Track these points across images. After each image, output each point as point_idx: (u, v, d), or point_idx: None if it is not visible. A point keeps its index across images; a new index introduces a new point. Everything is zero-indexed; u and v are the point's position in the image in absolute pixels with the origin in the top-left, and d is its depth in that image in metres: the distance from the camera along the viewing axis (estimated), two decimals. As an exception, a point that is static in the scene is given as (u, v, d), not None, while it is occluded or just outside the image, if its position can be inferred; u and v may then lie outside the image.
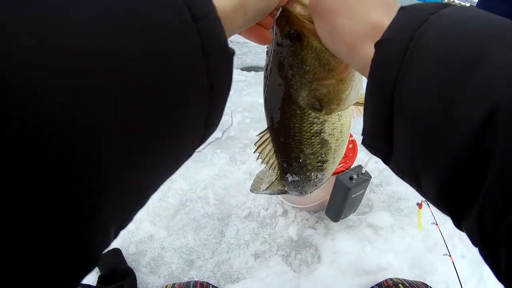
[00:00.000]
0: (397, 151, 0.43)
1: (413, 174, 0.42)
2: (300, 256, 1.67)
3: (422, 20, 0.40)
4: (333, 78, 0.63)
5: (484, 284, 1.66)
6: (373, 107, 0.44)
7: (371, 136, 0.48)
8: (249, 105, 2.78)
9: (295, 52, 0.63)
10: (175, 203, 1.90)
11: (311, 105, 0.69)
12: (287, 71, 0.67)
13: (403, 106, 0.39)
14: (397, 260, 1.63)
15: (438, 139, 0.35)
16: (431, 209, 1.77)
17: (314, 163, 0.88)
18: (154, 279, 1.61)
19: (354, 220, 1.81)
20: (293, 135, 0.80)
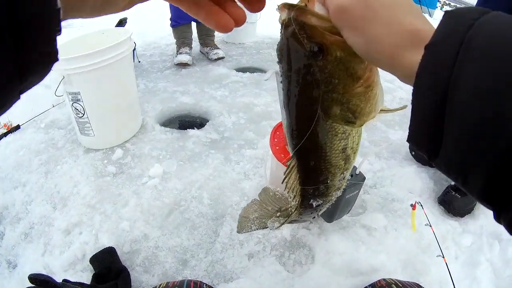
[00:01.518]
0: (446, 149, 0.44)
1: (461, 170, 0.43)
2: (294, 256, 1.67)
3: (468, 24, 0.40)
4: (361, 86, 0.60)
5: (477, 286, 1.66)
6: (422, 109, 0.45)
7: (418, 135, 0.49)
8: (244, 106, 2.79)
9: (322, 68, 0.58)
10: (170, 202, 1.90)
11: (346, 119, 0.65)
12: (313, 90, 0.61)
13: (455, 108, 0.40)
14: (391, 261, 1.64)
15: (491, 138, 0.37)
16: (424, 210, 1.77)
17: (337, 182, 0.83)
18: (148, 278, 1.61)
19: (348, 221, 1.81)
20: (323, 155, 0.75)
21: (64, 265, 1.64)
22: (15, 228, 1.86)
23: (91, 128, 2.16)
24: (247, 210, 1.24)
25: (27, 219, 1.89)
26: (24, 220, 1.89)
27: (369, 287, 1.33)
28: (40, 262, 1.68)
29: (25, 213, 1.92)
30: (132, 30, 2.28)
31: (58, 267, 1.64)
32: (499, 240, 1.86)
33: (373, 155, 2.30)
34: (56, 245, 1.73)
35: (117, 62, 2.06)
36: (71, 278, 1.59)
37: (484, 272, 1.73)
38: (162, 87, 3.10)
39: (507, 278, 1.71)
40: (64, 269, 1.63)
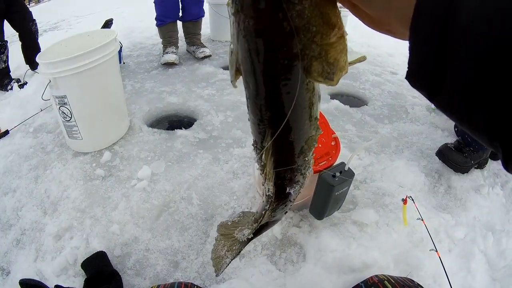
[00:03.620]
0: (449, 83, 0.42)
1: (467, 104, 0.41)
2: (285, 255, 1.65)
3: None
4: (336, 35, 0.53)
5: (472, 279, 1.65)
6: (422, 41, 0.43)
7: (418, 71, 0.47)
8: (232, 104, 2.79)
9: (300, 13, 0.49)
10: (159, 204, 1.89)
11: (325, 75, 0.55)
12: (291, 43, 0.52)
13: (458, 33, 0.38)
14: (383, 256, 1.62)
15: (500, 62, 0.35)
16: (416, 204, 1.76)
17: (310, 157, 0.76)
18: (139, 281, 1.59)
19: (338, 217, 1.79)
20: (301, 124, 0.67)
21: (56, 270, 1.63)
22: (7, 235, 1.85)
23: (78, 132, 2.14)
24: (216, 250, 1.23)
25: (18, 225, 1.88)
26: (15, 226, 1.88)
27: (361, 284, 1.32)
28: (32, 268, 1.67)
29: (16, 219, 1.91)
30: (118, 31, 2.27)
31: (50, 273, 1.63)
32: (492, 231, 1.85)
33: (362, 150, 2.29)
34: (47, 250, 1.72)
35: (103, 63, 2.05)
36: (64, 283, 1.58)
37: (479, 264, 1.72)
38: (149, 88, 3.10)
39: (502, 269, 1.71)
40: (56, 275, 1.62)
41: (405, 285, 1.14)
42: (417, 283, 1.24)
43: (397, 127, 2.61)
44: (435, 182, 2.10)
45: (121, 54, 3.50)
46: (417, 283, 1.24)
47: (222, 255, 1.18)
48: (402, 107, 2.85)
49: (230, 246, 1.17)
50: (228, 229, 1.21)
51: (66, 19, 5.75)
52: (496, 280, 1.68)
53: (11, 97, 3.03)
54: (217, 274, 1.20)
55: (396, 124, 2.64)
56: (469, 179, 2.14)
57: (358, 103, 3.05)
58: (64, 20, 5.72)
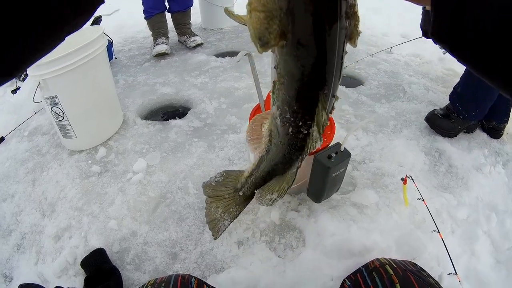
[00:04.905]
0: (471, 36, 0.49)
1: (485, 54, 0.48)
2: (284, 240, 1.63)
3: None
4: (357, 12, 0.70)
5: (477, 261, 1.62)
6: None
7: (440, 29, 0.55)
8: (225, 91, 2.77)
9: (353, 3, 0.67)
10: (155, 196, 1.87)
11: (355, 39, 0.74)
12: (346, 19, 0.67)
13: None
14: (384, 239, 1.59)
15: None
16: (416, 184, 1.72)
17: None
18: (139, 276, 1.58)
19: (337, 199, 1.77)
20: (338, 84, 0.79)
21: (56, 271, 1.61)
22: (8, 241, 1.84)
23: (72, 130, 2.13)
24: (210, 213, 1.20)
25: (18, 230, 1.87)
26: (15, 231, 1.87)
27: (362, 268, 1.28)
28: (34, 272, 1.66)
29: (16, 224, 1.89)
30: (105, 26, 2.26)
31: (51, 275, 1.62)
32: (496, 211, 1.82)
33: (359, 130, 2.25)
34: (47, 252, 1.71)
35: (92, 60, 2.03)
36: (65, 284, 1.57)
37: (483, 246, 1.69)
38: (142, 80, 3.08)
39: (507, 251, 1.68)
40: (57, 276, 1.61)
41: (407, 270, 1.11)
42: (419, 266, 1.21)
43: (394, 106, 2.57)
44: (435, 161, 2.07)
45: (112, 49, 3.48)
46: (419, 266, 1.21)
47: (217, 217, 1.21)
48: (399, 86, 2.81)
49: (225, 208, 1.15)
50: (215, 189, 1.23)
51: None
52: (501, 262, 1.65)
53: (4, 104, 3.01)
54: (215, 237, 1.23)
55: (394, 103, 2.60)
56: (470, 157, 2.12)
57: (354, 83, 3.01)
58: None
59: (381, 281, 1.08)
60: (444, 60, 3.23)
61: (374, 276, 1.13)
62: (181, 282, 1.11)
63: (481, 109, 2.14)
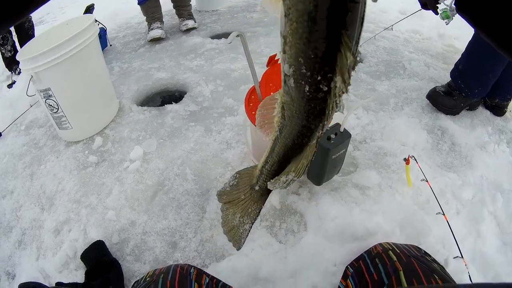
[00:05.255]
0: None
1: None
2: (285, 225, 1.59)
3: None
4: None
5: (482, 243, 1.58)
6: None
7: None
8: (221, 73, 2.73)
9: None
10: (153, 184, 1.85)
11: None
12: None
13: None
14: (387, 221, 1.55)
15: None
16: (419, 164, 1.68)
17: None
18: (140, 267, 1.56)
19: (339, 181, 1.72)
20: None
21: (57, 266, 1.60)
22: (9, 238, 1.83)
23: (67, 122, 2.10)
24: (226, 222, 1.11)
25: (19, 226, 1.85)
26: (16, 227, 1.86)
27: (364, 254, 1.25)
28: (35, 268, 1.65)
29: (16, 221, 1.88)
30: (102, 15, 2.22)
31: (52, 270, 1.61)
32: (501, 191, 1.78)
33: (360, 108, 2.20)
34: (48, 247, 1.70)
35: (83, 50, 2.00)
36: (66, 278, 1.56)
37: (489, 227, 1.65)
38: (137, 66, 3.04)
39: (513, 232, 1.65)
40: (58, 271, 1.60)
41: (411, 255, 1.07)
42: (424, 251, 1.18)
43: (395, 83, 2.51)
44: (438, 140, 2.03)
45: (106, 37, 3.45)
46: (424, 251, 1.18)
47: (236, 224, 1.05)
48: (399, 63, 2.75)
49: (243, 211, 1.06)
50: (230, 194, 1.09)
51: (51, 12, 5.68)
52: (507, 244, 1.62)
53: (0, 99, 2.98)
54: (238, 248, 1.08)
55: (394, 81, 2.54)
56: (474, 135, 2.07)
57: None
58: (48, 13, 5.63)
59: (384, 268, 1.05)
60: (443, 36, 3.17)
61: (377, 263, 1.09)
62: (180, 272, 1.09)
63: (484, 86, 2.09)
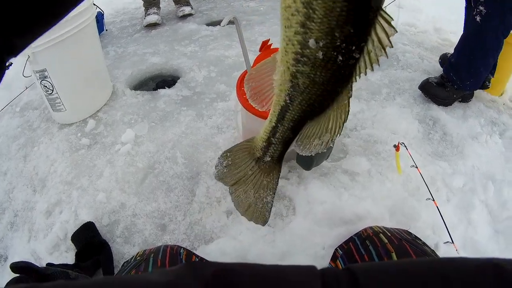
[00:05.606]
0: None
1: None
2: (273, 209, 1.59)
3: None
4: None
5: (474, 231, 1.59)
6: None
7: None
8: (215, 59, 2.73)
9: None
10: (144, 167, 1.85)
11: None
12: None
13: None
14: (377, 207, 1.56)
15: None
16: (409, 151, 1.69)
17: None
18: (129, 249, 1.57)
19: (328, 167, 1.73)
20: None
21: (48, 248, 1.61)
22: (1, 220, 1.83)
23: (62, 104, 2.10)
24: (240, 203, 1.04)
25: (11, 207, 1.86)
26: (8, 209, 1.86)
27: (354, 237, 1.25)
28: (27, 249, 1.65)
29: (9, 202, 1.89)
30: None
31: (44, 251, 1.61)
32: (493, 180, 1.79)
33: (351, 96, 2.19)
34: (39, 229, 1.70)
35: (80, 32, 2.00)
36: (56, 260, 1.56)
37: (480, 215, 1.66)
38: (132, 51, 3.03)
39: (505, 220, 1.65)
40: (49, 252, 1.60)
41: (402, 238, 1.07)
42: (414, 235, 1.18)
43: (388, 74, 2.51)
44: (429, 129, 2.04)
45: (103, 21, 3.44)
46: (414, 235, 1.18)
47: (252, 201, 1.03)
48: (392, 54, 2.75)
49: (256, 185, 1.00)
50: (233, 175, 1.05)
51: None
52: (499, 232, 1.62)
53: (-4, 81, 2.98)
54: (264, 223, 1.06)
55: (387, 71, 2.54)
56: (466, 126, 2.08)
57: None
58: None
59: (375, 250, 1.04)
60: (440, 31, 3.16)
61: (368, 245, 1.09)
62: (170, 252, 1.10)
63: (476, 79, 2.10)
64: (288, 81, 0.72)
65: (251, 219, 1.05)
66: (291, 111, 0.79)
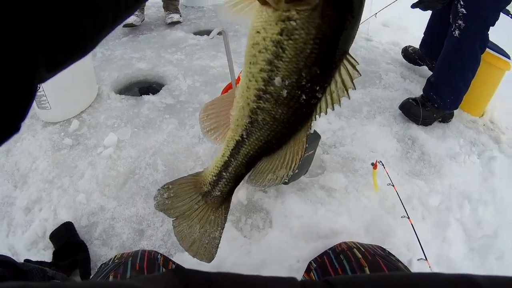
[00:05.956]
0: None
1: None
2: (250, 221, 1.63)
3: None
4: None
5: (448, 248, 1.63)
6: None
7: None
8: (200, 69, 2.75)
9: None
10: (124, 171, 1.86)
11: None
12: None
13: None
14: (353, 223, 1.60)
15: None
16: (387, 170, 1.73)
17: None
18: (106, 251, 1.58)
19: (306, 182, 1.77)
20: None
21: (27, 244, 1.61)
22: (-18, 214, 1.82)
23: (47, 101, 2.08)
24: (184, 238, 0.93)
25: (-9, 202, 1.85)
26: (-12, 203, 1.85)
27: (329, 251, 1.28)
28: (5, 244, 1.66)
29: (-11, 196, 1.88)
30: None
31: (22, 247, 1.61)
32: (469, 200, 1.84)
33: (332, 114, 2.24)
34: (18, 224, 1.70)
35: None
36: (34, 257, 1.57)
37: (455, 233, 1.71)
38: (119, 54, 3.02)
39: (480, 239, 1.70)
40: (27, 249, 1.61)
41: (376, 254, 1.10)
42: (388, 251, 1.21)
43: (369, 92, 2.56)
44: (408, 148, 2.08)
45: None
46: (388, 251, 1.21)
47: (197, 236, 0.97)
48: (375, 73, 2.80)
49: (201, 220, 0.91)
50: (176, 208, 0.95)
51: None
52: (474, 250, 1.67)
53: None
54: (209, 260, 0.99)
55: (369, 90, 2.59)
56: (444, 146, 2.13)
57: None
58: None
59: (349, 264, 1.07)
60: (423, 51, 3.23)
61: (342, 259, 1.12)
62: (148, 257, 1.11)
63: (456, 96, 2.15)
64: (246, 116, 0.74)
65: (195, 256, 1.00)
66: (246, 146, 0.79)
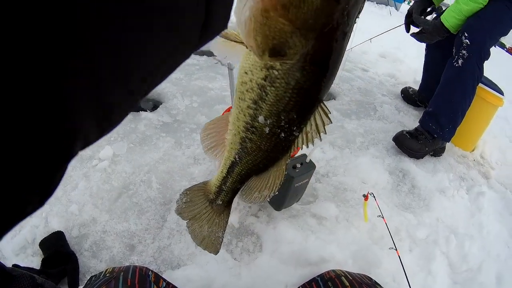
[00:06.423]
0: None
1: None
2: (241, 244, 1.65)
3: None
4: None
5: (433, 280, 1.66)
6: None
7: None
8: (199, 89, 2.78)
9: None
10: (118, 186, 1.87)
11: None
12: None
13: None
14: (341, 251, 1.62)
15: None
16: (377, 201, 1.76)
17: None
18: (95, 264, 1.57)
19: (298, 209, 1.80)
20: None
21: (15, 249, 1.60)
22: (-31, 215, 1.80)
23: (45, 110, 2.09)
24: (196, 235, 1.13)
25: (-18, 204, 1.83)
26: (-22, 206, 1.83)
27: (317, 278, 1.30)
28: (-7, 248, 1.64)
29: (-20, 199, 1.86)
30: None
31: (10, 252, 1.60)
32: (455, 233, 1.87)
33: (326, 143, 2.28)
34: (8, 229, 1.68)
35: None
36: (22, 262, 1.56)
37: (440, 266, 1.73)
38: (119, 70, 3.02)
39: (464, 273, 1.72)
40: (15, 253, 1.59)
41: (363, 283, 1.12)
42: (375, 281, 1.23)
43: (364, 123, 2.61)
44: (399, 181, 2.12)
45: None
46: (375, 281, 1.23)
47: (206, 234, 1.16)
48: (370, 104, 2.85)
49: (209, 222, 1.13)
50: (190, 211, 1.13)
51: None
52: (458, 283, 1.70)
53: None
54: (216, 252, 1.17)
55: (363, 121, 2.64)
56: (434, 180, 2.17)
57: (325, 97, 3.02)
58: None
59: None
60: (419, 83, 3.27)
61: (330, 286, 1.14)
62: (139, 273, 1.12)
63: (453, 125, 2.20)
64: (238, 143, 0.86)
65: (205, 249, 1.16)
66: (239, 166, 0.93)
